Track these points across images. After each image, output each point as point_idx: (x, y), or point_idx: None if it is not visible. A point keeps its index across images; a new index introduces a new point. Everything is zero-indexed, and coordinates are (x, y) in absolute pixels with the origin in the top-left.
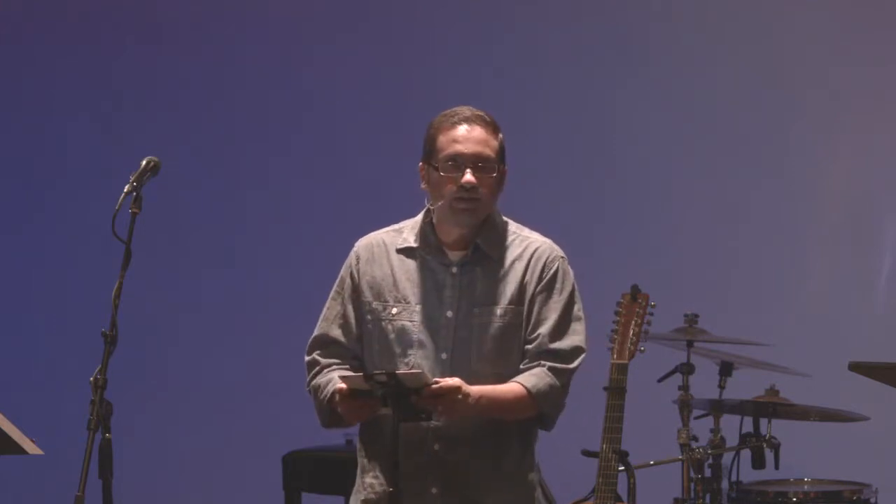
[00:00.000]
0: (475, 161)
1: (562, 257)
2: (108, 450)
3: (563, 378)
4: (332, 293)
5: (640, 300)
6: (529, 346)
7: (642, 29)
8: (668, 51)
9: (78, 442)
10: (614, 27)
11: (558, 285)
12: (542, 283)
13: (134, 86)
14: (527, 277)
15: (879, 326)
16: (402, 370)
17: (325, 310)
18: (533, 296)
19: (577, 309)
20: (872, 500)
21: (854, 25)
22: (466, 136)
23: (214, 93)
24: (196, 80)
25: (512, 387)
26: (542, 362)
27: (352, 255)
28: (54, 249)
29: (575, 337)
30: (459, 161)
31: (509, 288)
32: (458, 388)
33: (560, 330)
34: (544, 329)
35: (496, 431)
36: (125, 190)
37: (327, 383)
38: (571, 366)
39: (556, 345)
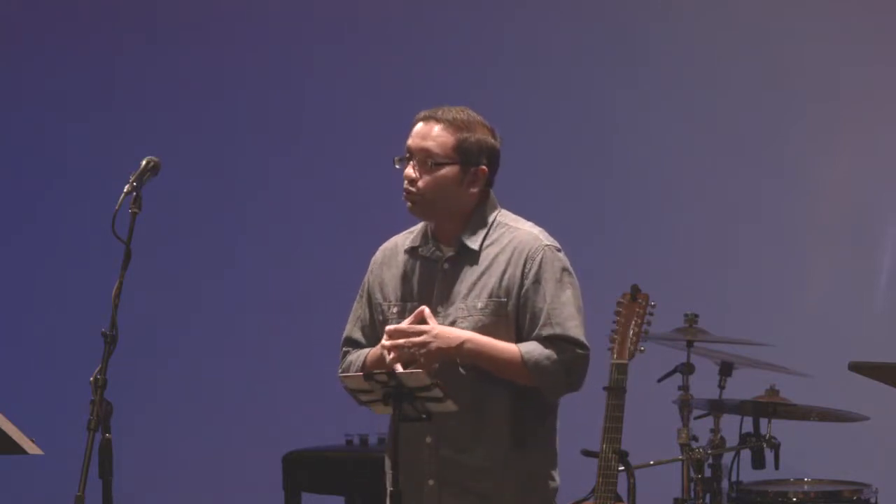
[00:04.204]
0: (414, 155)
1: (547, 246)
2: (108, 450)
3: (565, 353)
4: (357, 296)
5: (640, 300)
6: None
7: (642, 29)
8: (668, 51)
9: (78, 442)
10: (614, 27)
11: (546, 275)
12: (530, 277)
13: (134, 86)
14: (509, 271)
15: (879, 326)
16: (401, 370)
17: (351, 312)
18: (522, 291)
19: (571, 295)
20: (872, 500)
21: (854, 25)
22: (417, 131)
23: (214, 93)
24: (196, 81)
25: (507, 344)
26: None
27: (373, 258)
28: (54, 249)
29: (570, 322)
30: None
31: (491, 281)
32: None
33: (554, 317)
34: (540, 320)
35: (489, 423)
36: (125, 190)
37: (358, 356)
38: (576, 339)
39: (551, 331)
